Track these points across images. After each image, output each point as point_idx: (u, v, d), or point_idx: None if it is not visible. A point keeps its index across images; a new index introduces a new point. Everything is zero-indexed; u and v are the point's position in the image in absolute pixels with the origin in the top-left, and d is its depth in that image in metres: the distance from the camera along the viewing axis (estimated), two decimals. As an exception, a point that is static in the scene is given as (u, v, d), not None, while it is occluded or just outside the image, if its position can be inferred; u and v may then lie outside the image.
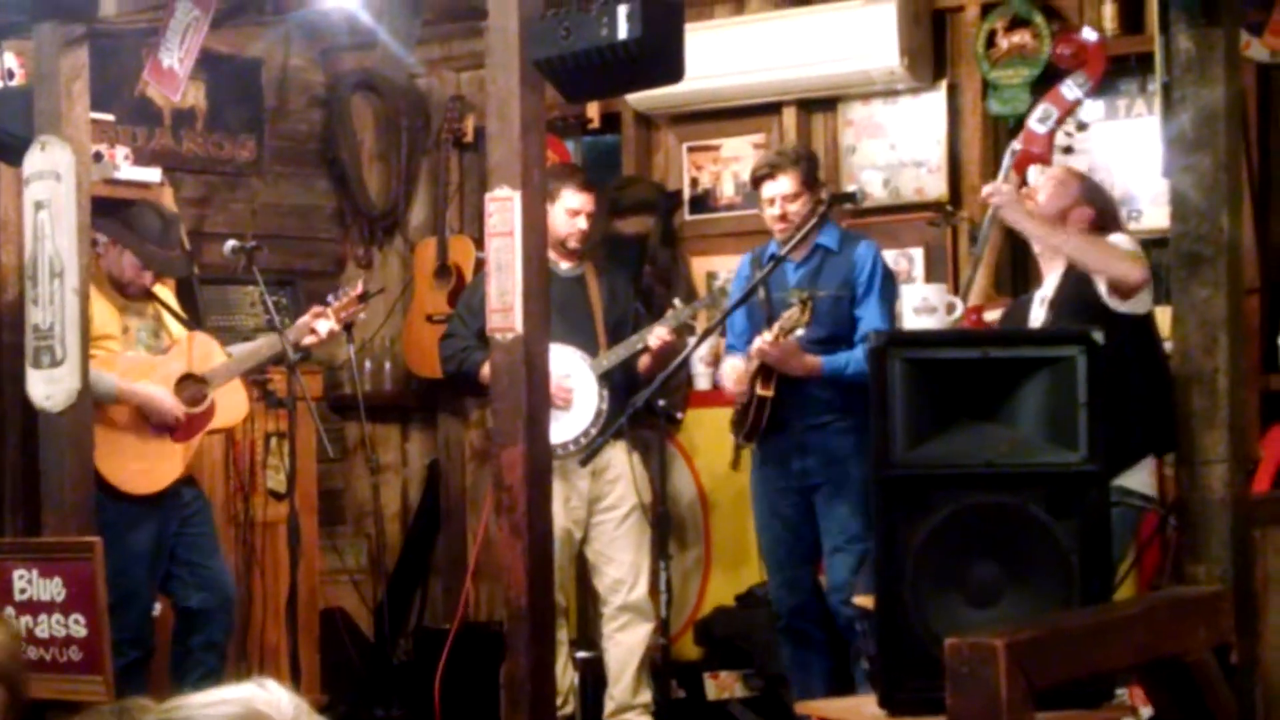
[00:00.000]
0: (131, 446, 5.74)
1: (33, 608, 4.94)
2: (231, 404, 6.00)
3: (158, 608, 5.97)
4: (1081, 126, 4.68)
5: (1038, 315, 4.92)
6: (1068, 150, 4.79)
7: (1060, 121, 4.61)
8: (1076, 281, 4.77)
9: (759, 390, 5.66)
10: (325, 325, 6.07)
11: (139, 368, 5.79)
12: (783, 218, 5.78)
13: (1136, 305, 4.70)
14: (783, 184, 5.80)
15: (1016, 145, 4.70)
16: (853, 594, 5.42)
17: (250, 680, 1.93)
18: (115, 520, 5.59)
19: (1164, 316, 4.91)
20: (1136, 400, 4.56)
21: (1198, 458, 3.76)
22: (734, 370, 5.89)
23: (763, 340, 5.59)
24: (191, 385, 5.85)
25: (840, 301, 5.74)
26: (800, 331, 5.49)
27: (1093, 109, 4.74)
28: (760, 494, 5.96)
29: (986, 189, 4.76)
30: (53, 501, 5.34)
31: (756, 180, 5.92)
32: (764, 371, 5.66)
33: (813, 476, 5.76)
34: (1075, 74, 4.57)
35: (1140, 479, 4.76)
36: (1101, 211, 4.96)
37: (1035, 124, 4.64)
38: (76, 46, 5.37)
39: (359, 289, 6.21)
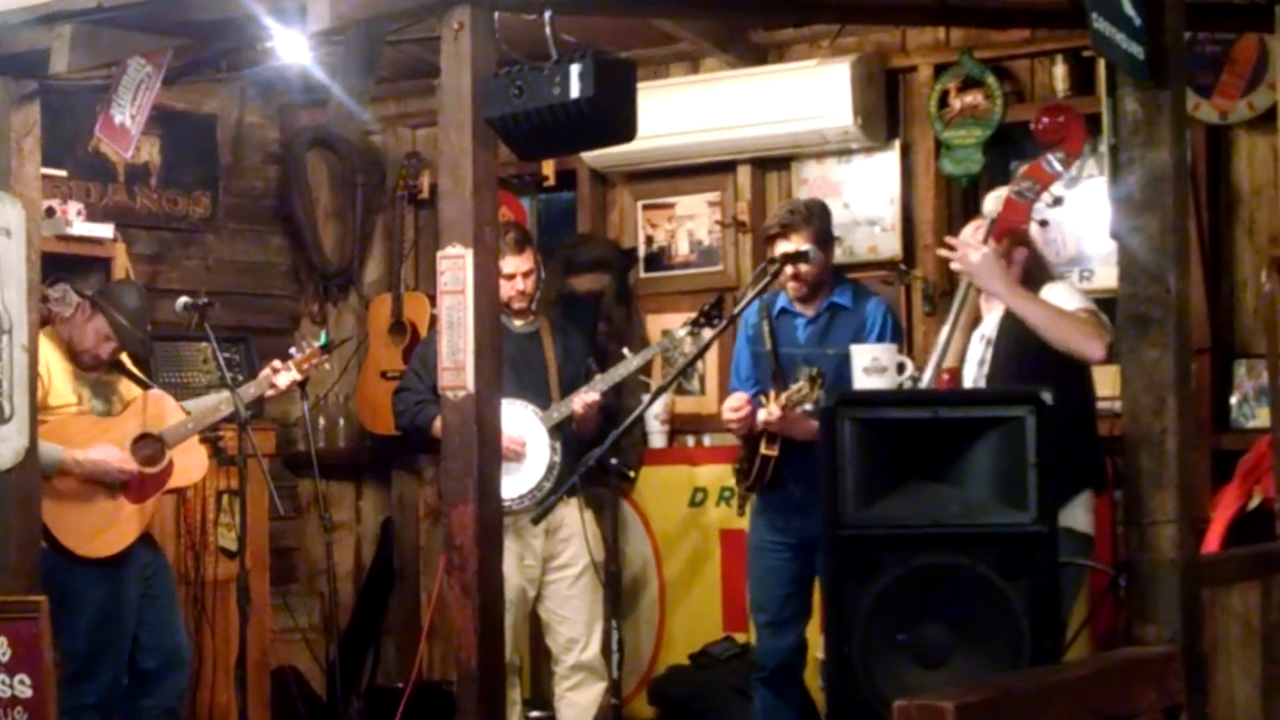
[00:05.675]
0: (87, 512, 5.70)
1: (-22, 668, 4.90)
2: (190, 463, 5.97)
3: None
4: (1057, 201, 4.68)
5: (975, 350, 4.87)
6: (1043, 223, 4.79)
7: (1040, 194, 4.61)
8: (1018, 320, 4.73)
9: (764, 450, 5.64)
10: (286, 378, 6.07)
11: (93, 429, 5.75)
12: (795, 276, 5.67)
13: None
14: (795, 244, 5.63)
15: (992, 213, 4.68)
16: None
17: None
18: (81, 585, 5.59)
19: (1114, 376, 4.91)
20: (1067, 437, 4.51)
21: (1146, 518, 3.77)
22: (736, 399, 5.75)
23: (769, 413, 5.56)
24: (148, 445, 5.81)
25: (848, 360, 5.70)
26: (808, 406, 5.46)
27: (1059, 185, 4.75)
28: (756, 545, 5.90)
29: (957, 242, 4.71)
30: (-2, 560, 5.30)
31: (768, 238, 5.76)
32: (769, 432, 5.64)
33: (812, 534, 5.68)
34: (1056, 150, 4.56)
35: (1079, 518, 4.72)
36: (1036, 254, 4.91)
37: (1017, 195, 4.62)
38: (28, 102, 5.37)
39: (319, 340, 6.24)
